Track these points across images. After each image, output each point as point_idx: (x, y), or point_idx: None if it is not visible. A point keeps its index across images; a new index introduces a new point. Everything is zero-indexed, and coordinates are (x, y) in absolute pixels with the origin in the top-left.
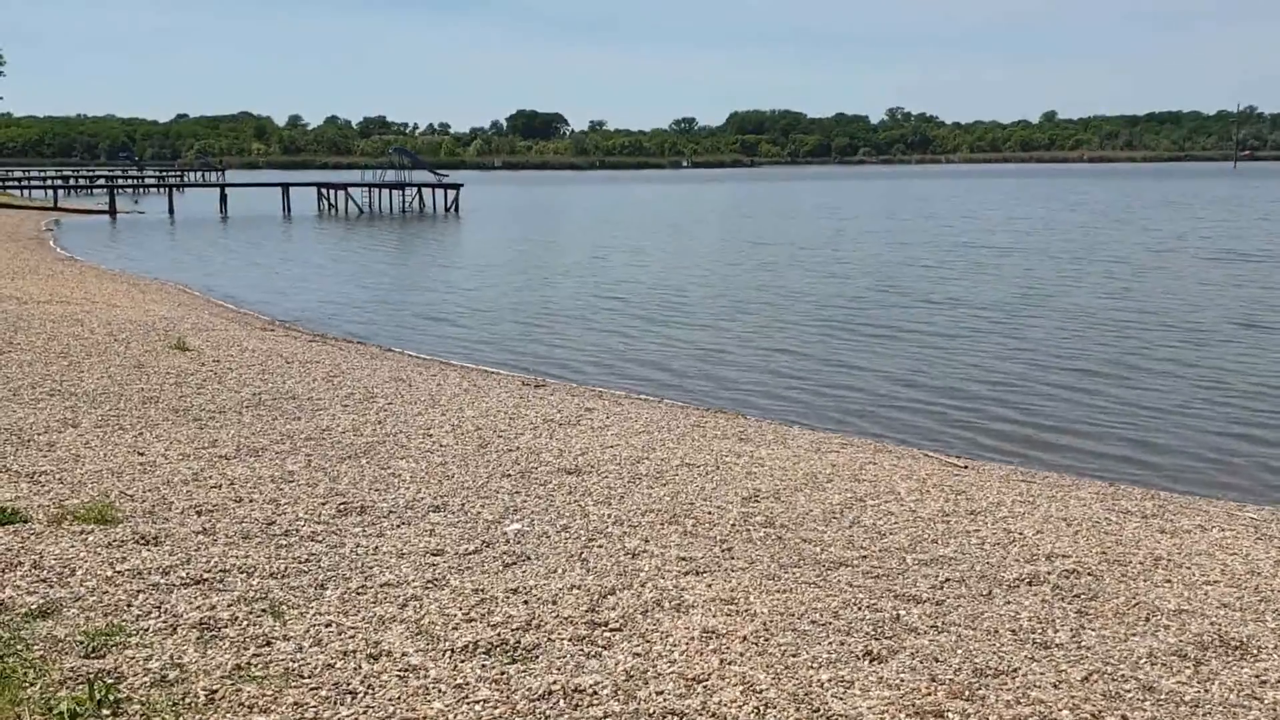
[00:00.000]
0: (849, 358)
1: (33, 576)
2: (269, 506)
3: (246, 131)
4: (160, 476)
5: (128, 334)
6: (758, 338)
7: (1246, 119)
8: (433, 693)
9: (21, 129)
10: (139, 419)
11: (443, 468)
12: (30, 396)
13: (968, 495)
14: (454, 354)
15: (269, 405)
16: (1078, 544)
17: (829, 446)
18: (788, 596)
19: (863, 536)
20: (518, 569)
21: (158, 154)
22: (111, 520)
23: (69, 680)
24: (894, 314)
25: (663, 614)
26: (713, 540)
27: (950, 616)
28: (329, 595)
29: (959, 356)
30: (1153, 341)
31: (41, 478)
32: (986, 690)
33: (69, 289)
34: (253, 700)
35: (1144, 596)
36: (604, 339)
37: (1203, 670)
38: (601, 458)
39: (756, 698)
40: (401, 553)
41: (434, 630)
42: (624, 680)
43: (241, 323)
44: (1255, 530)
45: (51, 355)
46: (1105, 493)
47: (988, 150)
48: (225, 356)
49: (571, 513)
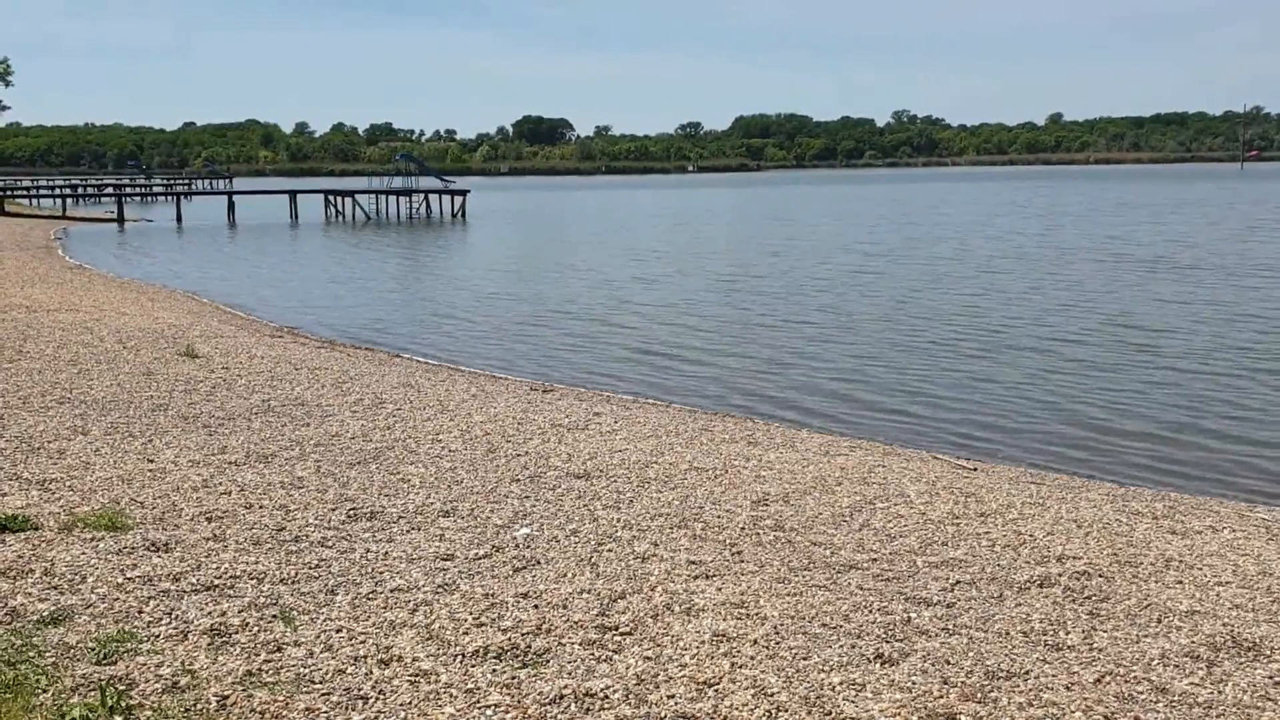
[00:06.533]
0: (856, 361)
1: (44, 584)
2: (279, 513)
3: (253, 139)
4: (170, 483)
5: (137, 341)
6: (765, 341)
7: (1253, 119)
8: (444, 698)
9: (30, 138)
10: (149, 426)
11: (452, 473)
12: (40, 404)
13: (977, 497)
14: (462, 359)
15: (278, 411)
16: (1088, 545)
17: (838, 449)
18: (798, 600)
19: (873, 539)
20: (528, 573)
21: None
22: (122, 527)
23: (81, 687)
24: (902, 316)
25: (673, 618)
26: (722, 544)
27: (961, 619)
28: (339, 601)
29: (965, 358)
30: (1161, 343)
31: (52, 485)
32: (998, 692)
33: (78, 297)
34: (264, 706)
35: (1156, 598)
36: (611, 344)
37: (1216, 671)
38: (610, 462)
39: (768, 701)
40: (411, 558)
41: (444, 635)
42: (635, 684)
43: (250, 330)
44: (1267, 531)
45: (61, 363)
46: (1115, 494)
47: (994, 153)
48: (234, 363)
49: (581, 517)
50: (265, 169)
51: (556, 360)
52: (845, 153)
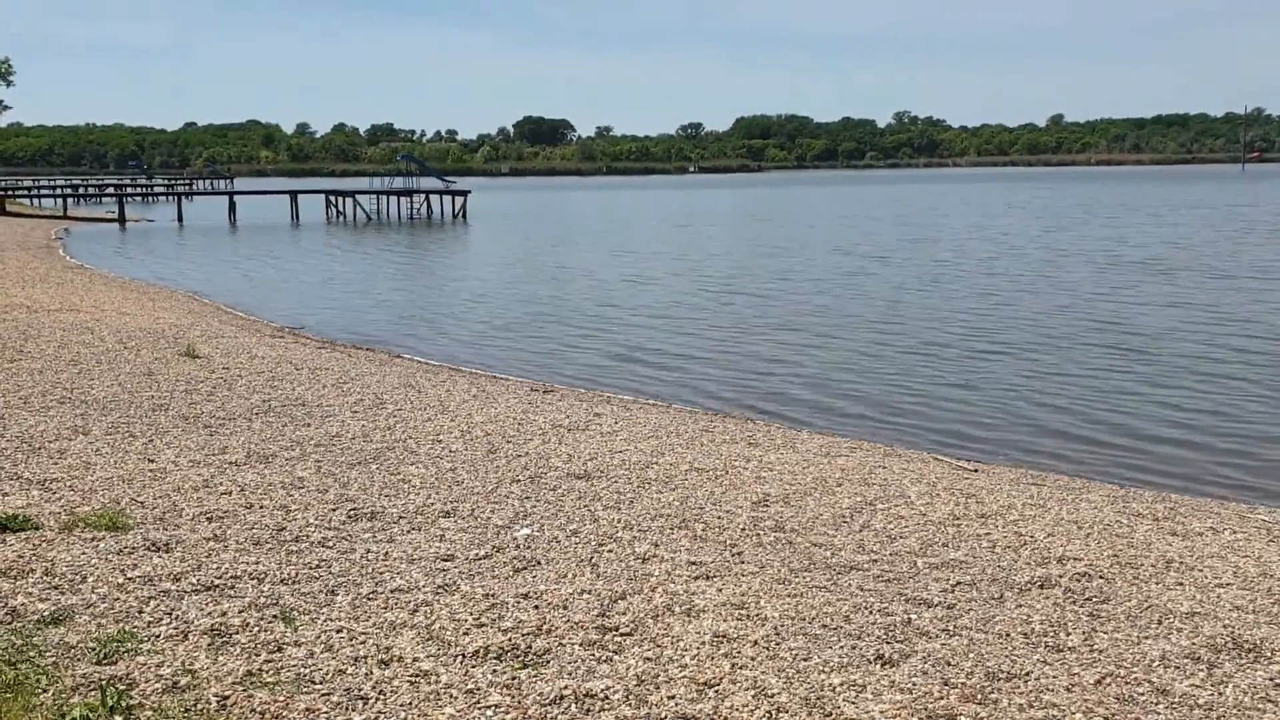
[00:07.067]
0: (857, 361)
1: (44, 583)
2: (279, 513)
3: (255, 139)
4: (171, 483)
5: (137, 341)
6: (765, 341)
7: (1254, 121)
8: (444, 698)
9: (31, 138)
10: (149, 426)
11: (452, 473)
12: (41, 404)
13: (978, 498)
14: (463, 360)
15: (279, 412)
16: (1089, 547)
17: (838, 450)
18: (798, 601)
19: (873, 540)
20: (528, 574)
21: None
22: (122, 527)
23: (81, 687)
24: (903, 317)
25: (673, 618)
26: (723, 545)
27: (962, 620)
28: (340, 601)
29: (966, 359)
30: (1162, 345)
31: (52, 485)
32: (999, 694)
33: (79, 297)
34: (264, 706)
35: (1156, 599)
36: (612, 344)
37: (1216, 673)
38: (610, 463)
39: (768, 702)
40: (412, 558)
41: (445, 635)
42: (635, 685)
43: (251, 330)
44: (1267, 533)
45: (62, 363)
46: (1116, 495)
47: (995, 154)
48: (235, 364)
49: (581, 518)
50: (266, 169)
51: (557, 361)
52: (846, 154)
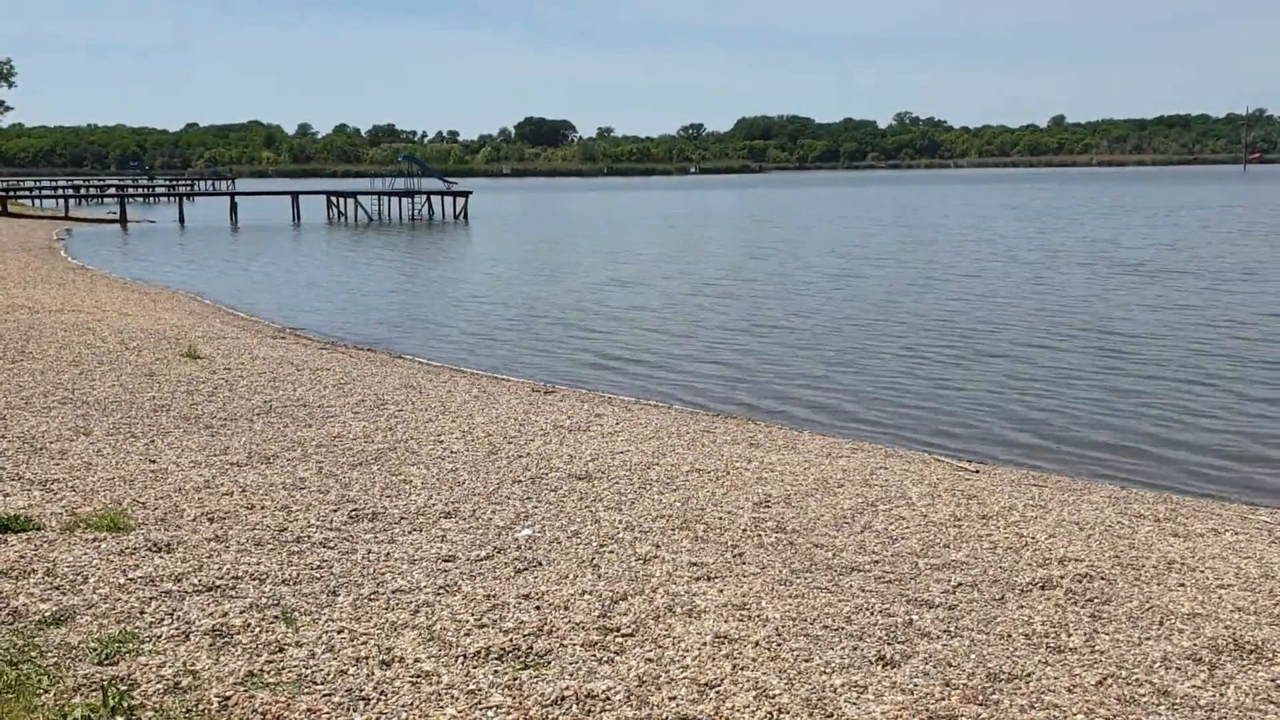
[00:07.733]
0: (858, 362)
1: (46, 584)
2: (281, 513)
3: (256, 140)
4: (172, 484)
5: (139, 342)
6: (766, 342)
7: (1255, 122)
8: (445, 699)
9: (33, 139)
10: (151, 427)
11: (454, 474)
12: (42, 405)
13: (979, 499)
14: (464, 361)
15: (280, 412)
16: (1090, 548)
17: (839, 451)
18: (800, 601)
19: (874, 541)
20: (529, 574)
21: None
22: (124, 528)
23: (82, 687)
24: (905, 318)
25: (675, 619)
26: (724, 545)
27: (963, 621)
28: (341, 602)
29: (968, 360)
30: (1163, 345)
31: (54, 485)
32: (1000, 695)
33: (80, 298)
34: (265, 707)
35: (1157, 600)
36: (613, 344)
37: (1218, 674)
38: (612, 463)
39: (769, 703)
40: (413, 559)
41: (446, 636)
42: (636, 686)
43: (252, 331)
44: (1269, 534)
45: (63, 364)
46: (1117, 496)
47: (996, 155)
48: (236, 364)
49: (582, 518)
50: (268, 170)
51: (558, 361)
52: (848, 154)
